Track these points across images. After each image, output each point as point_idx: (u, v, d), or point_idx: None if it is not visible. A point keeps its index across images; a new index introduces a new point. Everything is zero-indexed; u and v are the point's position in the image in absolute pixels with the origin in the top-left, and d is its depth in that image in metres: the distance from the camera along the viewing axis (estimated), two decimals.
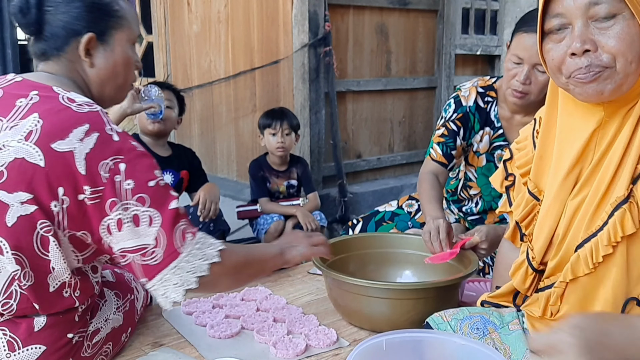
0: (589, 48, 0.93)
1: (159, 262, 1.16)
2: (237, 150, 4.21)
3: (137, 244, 1.15)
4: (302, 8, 3.50)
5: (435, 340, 1.03)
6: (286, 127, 2.84)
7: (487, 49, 4.88)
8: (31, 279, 1.14)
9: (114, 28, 1.29)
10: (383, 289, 1.47)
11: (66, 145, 1.11)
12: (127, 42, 1.32)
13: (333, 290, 1.58)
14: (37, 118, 1.12)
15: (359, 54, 3.90)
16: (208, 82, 4.31)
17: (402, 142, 4.32)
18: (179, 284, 1.17)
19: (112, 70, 1.31)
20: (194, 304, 1.71)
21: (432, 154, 2.04)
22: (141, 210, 1.15)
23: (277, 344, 1.45)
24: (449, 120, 2.03)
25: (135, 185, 1.15)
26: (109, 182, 1.13)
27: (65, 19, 1.24)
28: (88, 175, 1.12)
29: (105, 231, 1.15)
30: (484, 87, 2.04)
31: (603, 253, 0.94)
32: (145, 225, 1.15)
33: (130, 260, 1.17)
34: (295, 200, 2.92)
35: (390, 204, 2.38)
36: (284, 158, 2.92)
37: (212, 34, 4.24)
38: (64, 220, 1.13)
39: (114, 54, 1.30)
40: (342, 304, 1.57)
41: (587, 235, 0.97)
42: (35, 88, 1.18)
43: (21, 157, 1.10)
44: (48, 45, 1.26)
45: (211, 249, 1.20)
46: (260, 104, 3.93)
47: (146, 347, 1.49)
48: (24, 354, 1.18)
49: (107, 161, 1.13)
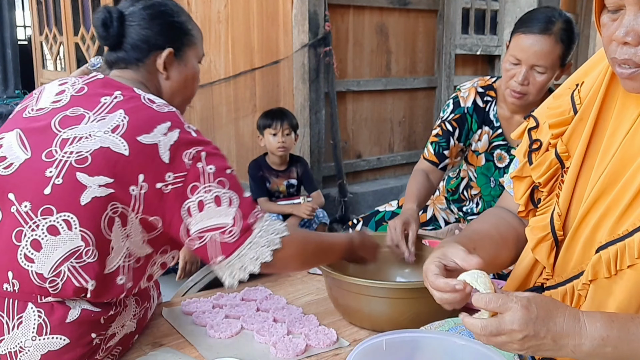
0: (630, 41, 0.85)
1: (236, 238, 1.25)
2: (237, 151, 4.21)
3: (217, 222, 1.24)
4: (302, 8, 3.50)
5: (436, 341, 1.02)
6: (286, 127, 2.85)
7: (487, 49, 4.88)
8: (94, 256, 1.19)
9: (187, 45, 1.42)
10: (383, 288, 1.47)
11: (151, 139, 1.21)
12: (195, 59, 1.46)
13: (333, 290, 1.58)
14: (124, 114, 1.22)
15: (359, 54, 3.90)
16: (208, 83, 4.31)
17: (402, 142, 4.32)
18: (255, 257, 1.27)
19: (183, 84, 1.44)
20: (194, 304, 1.71)
21: (425, 153, 2.08)
22: (222, 191, 1.24)
23: (277, 344, 1.45)
24: (445, 121, 2.05)
25: (216, 169, 1.25)
26: (191, 167, 1.23)
27: (148, 34, 1.37)
28: (171, 164, 1.21)
29: (186, 213, 1.23)
30: (483, 86, 2.04)
31: (629, 263, 0.88)
32: (226, 205, 1.24)
33: (208, 239, 1.24)
34: (295, 200, 2.92)
35: (390, 203, 2.38)
36: (283, 158, 2.92)
37: (212, 34, 4.25)
38: (140, 205, 1.21)
39: (187, 68, 1.43)
40: (342, 304, 1.57)
41: (612, 238, 0.90)
42: (119, 88, 1.29)
43: (107, 147, 1.18)
44: (128, 55, 1.38)
45: (280, 225, 1.31)
46: (260, 104, 3.93)
47: (146, 347, 1.49)
48: (48, 341, 1.19)
49: (189, 150, 1.24)
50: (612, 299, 0.91)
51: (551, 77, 1.82)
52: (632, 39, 0.84)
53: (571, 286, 0.98)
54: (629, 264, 0.87)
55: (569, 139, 1.04)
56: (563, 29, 1.76)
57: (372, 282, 1.47)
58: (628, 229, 0.88)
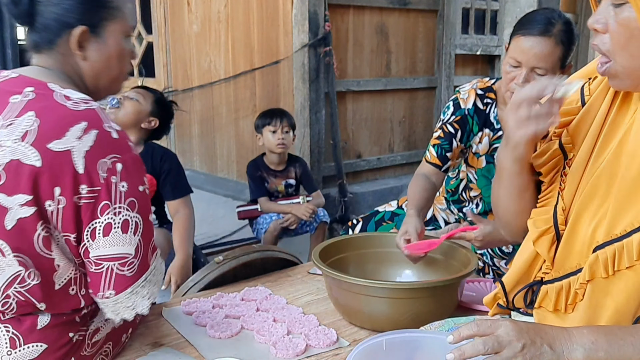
0: (599, 29, 0.88)
1: (134, 273, 1.17)
2: (237, 151, 4.21)
3: (120, 252, 1.14)
4: (302, 8, 3.50)
5: (436, 341, 1.02)
6: (285, 125, 2.85)
7: (487, 49, 4.88)
8: (37, 278, 1.14)
9: (107, 20, 1.25)
10: (382, 288, 1.47)
11: (63, 145, 1.09)
12: (121, 34, 1.28)
13: (333, 290, 1.58)
14: (34, 117, 1.10)
15: (359, 54, 3.90)
16: (208, 83, 4.31)
17: (402, 142, 4.32)
18: (147, 297, 1.20)
19: (105, 64, 1.27)
20: (194, 304, 1.71)
21: (427, 156, 2.06)
22: (131, 215, 1.14)
23: (277, 344, 1.45)
24: (446, 123, 2.05)
25: (128, 188, 1.14)
26: (105, 182, 1.12)
27: (58, 11, 1.20)
28: (86, 174, 1.10)
29: (88, 235, 1.13)
30: (483, 88, 2.04)
31: (628, 264, 0.87)
32: (132, 232, 1.15)
33: (105, 268, 1.15)
34: (294, 199, 2.92)
35: (390, 204, 2.38)
36: (282, 157, 2.93)
37: (212, 34, 4.25)
38: (58, 221, 1.12)
39: (108, 46, 1.26)
40: (342, 304, 1.57)
41: (610, 238, 0.89)
42: (31, 84, 1.15)
43: (17, 159, 1.08)
44: (41, 37, 1.23)
45: (162, 266, 1.26)
46: (260, 104, 3.93)
47: (146, 347, 1.49)
48: (25, 351, 1.18)
49: (105, 160, 1.12)
50: (609, 300, 0.91)
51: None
52: (601, 27, 0.87)
53: (567, 282, 0.98)
54: (628, 265, 0.87)
55: (574, 130, 1.02)
56: (563, 30, 1.76)
57: (372, 282, 1.47)
58: (626, 229, 0.87)
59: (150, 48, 4.99)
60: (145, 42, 5.07)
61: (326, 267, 1.53)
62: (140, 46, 5.16)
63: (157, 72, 4.85)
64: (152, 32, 4.88)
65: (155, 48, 4.85)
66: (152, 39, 4.89)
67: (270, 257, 2.05)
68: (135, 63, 5.27)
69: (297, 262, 2.15)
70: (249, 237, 3.04)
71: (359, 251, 1.80)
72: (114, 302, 1.18)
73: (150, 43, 4.98)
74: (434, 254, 1.71)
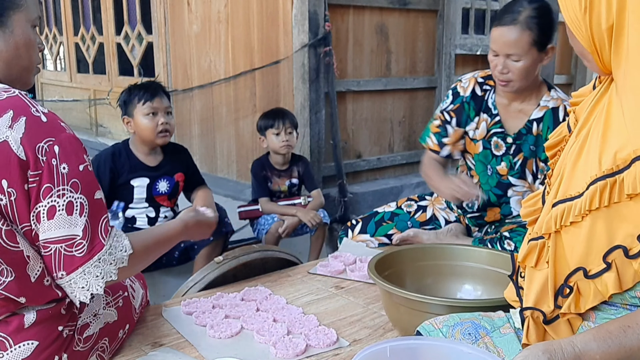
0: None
1: (83, 254, 1.16)
2: (238, 151, 4.21)
3: (66, 234, 1.15)
4: (302, 8, 3.50)
5: (440, 348, 1.01)
6: (289, 126, 2.84)
7: (487, 49, 4.86)
8: (11, 274, 1.14)
9: (10, 9, 1.23)
10: (443, 305, 1.34)
11: None
12: (26, 23, 1.27)
13: (386, 303, 1.50)
14: None
15: (359, 54, 3.90)
16: (208, 83, 4.31)
17: (402, 142, 4.32)
18: (101, 277, 1.19)
19: (14, 53, 1.25)
20: (194, 304, 1.71)
21: (428, 144, 2.25)
22: (75, 196, 1.15)
23: (277, 344, 1.45)
24: (444, 110, 2.18)
25: (69, 169, 1.14)
26: (46, 165, 1.12)
27: None
28: (28, 160, 1.10)
29: (34, 218, 1.13)
30: (483, 77, 2.15)
31: (572, 219, 0.98)
32: (77, 213, 1.15)
33: (53, 251, 1.15)
34: (296, 199, 2.92)
35: (389, 204, 2.39)
36: (286, 157, 2.92)
37: (212, 34, 4.24)
38: (15, 214, 1.12)
39: (14, 35, 1.24)
40: (394, 318, 1.49)
41: (564, 197, 1.00)
42: None
43: None
44: None
45: (125, 241, 1.24)
46: (260, 104, 3.93)
47: (146, 347, 1.49)
48: (17, 352, 1.19)
49: (42, 144, 1.11)
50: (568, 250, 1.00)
51: (530, 62, 1.91)
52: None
53: (543, 241, 1.05)
54: (572, 221, 0.98)
55: (579, 111, 1.12)
56: (530, 16, 1.86)
57: (432, 298, 1.37)
58: (579, 190, 0.98)
59: (150, 48, 4.98)
60: (145, 42, 5.07)
61: (382, 280, 1.43)
62: (140, 46, 5.16)
63: (157, 72, 4.85)
64: (152, 32, 4.87)
65: (155, 48, 4.84)
66: (152, 39, 4.88)
67: (271, 257, 2.05)
68: (136, 63, 5.28)
69: (297, 262, 2.15)
70: (249, 237, 3.03)
71: (416, 263, 1.68)
72: (68, 283, 1.19)
73: (150, 43, 4.98)
74: (489, 265, 1.61)
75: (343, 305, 1.76)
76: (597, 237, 0.95)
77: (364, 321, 1.65)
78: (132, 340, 1.51)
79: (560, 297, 1.01)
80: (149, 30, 4.97)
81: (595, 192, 0.94)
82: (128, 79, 5.34)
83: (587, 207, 0.95)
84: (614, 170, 0.93)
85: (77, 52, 6.34)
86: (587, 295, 0.98)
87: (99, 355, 1.36)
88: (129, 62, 5.40)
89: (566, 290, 0.99)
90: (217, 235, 2.36)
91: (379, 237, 2.27)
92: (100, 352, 1.36)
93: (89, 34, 5.99)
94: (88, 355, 1.33)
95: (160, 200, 2.42)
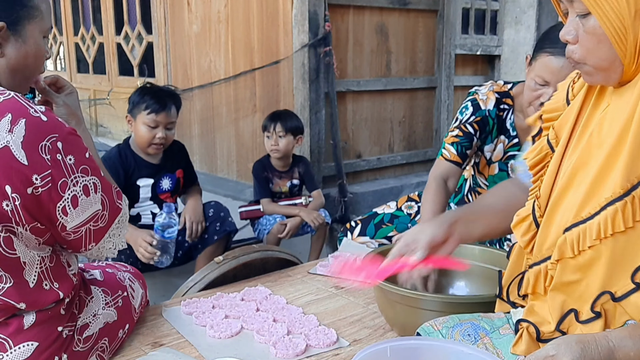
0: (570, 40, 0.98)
1: (107, 222, 1.26)
2: (237, 151, 4.21)
3: (90, 213, 1.22)
4: (302, 8, 3.50)
5: (440, 349, 1.00)
6: (280, 130, 2.82)
7: (487, 49, 4.88)
8: (9, 280, 1.15)
9: (26, 19, 1.23)
10: (436, 301, 1.36)
11: None
12: (39, 34, 1.27)
13: (380, 301, 1.51)
14: None
15: (359, 54, 3.90)
16: (208, 83, 4.31)
17: (402, 142, 4.32)
18: (122, 235, 1.32)
19: (22, 61, 1.24)
20: (194, 304, 1.71)
21: (444, 154, 2.00)
22: (87, 179, 1.20)
23: (277, 344, 1.45)
24: (466, 123, 1.99)
25: (75, 159, 1.17)
26: (53, 163, 1.12)
27: None
28: (32, 164, 1.09)
29: (61, 213, 1.17)
30: (499, 92, 2.00)
31: (590, 244, 0.94)
32: (93, 192, 1.21)
33: (83, 232, 1.22)
34: (297, 200, 2.92)
35: (388, 205, 2.37)
36: (285, 159, 2.92)
37: (212, 34, 4.24)
38: (22, 216, 1.12)
39: (27, 45, 1.24)
40: (389, 316, 1.51)
41: (576, 221, 0.96)
42: None
43: None
44: None
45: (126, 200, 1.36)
46: (260, 104, 3.93)
47: (146, 347, 1.49)
48: (16, 353, 1.19)
49: (44, 142, 1.12)
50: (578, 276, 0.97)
51: None
52: (572, 38, 0.97)
53: (545, 266, 1.03)
54: (590, 245, 0.94)
55: (559, 126, 1.10)
56: None
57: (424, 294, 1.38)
58: (590, 212, 0.94)
59: (150, 48, 4.98)
60: (145, 42, 5.06)
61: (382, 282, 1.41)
62: (140, 46, 5.16)
63: (157, 72, 4.85)
64: (152, 32, 4.87)
65: (155, 48, 4.84)
66: (152, 39, 4.88)
67: (271, 257, 2.05)
68: (136, 63, 5.28)
69: (297, 262, 2.15)
70: (249, 237, 3.03)
71: None
72: (97, 249, 1.29)
73: (150, 43, 4.98)
74: (482, 262, 1.61)
75: (343, 305, 1.76)
76: (620, 258, 0.92)
77: (364, 321, 1.65)
78: (132, 340, 1.51)
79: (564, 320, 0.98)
80: (149, 30, 4.97)
81: (615, 214, 0.90)
82: (128, 79, 5.34)
83: (611, 230, 0.91)
84: (629, 187, 0.90)
85: (77, 52, 6.33)
86: (612, 317, 0.94)
87: (99, 355, 1.36)
88: (129, 62, 5.40)
89: (590, 315, 0.95)
90: (220, 234, 2.43)
91: (379, 239, 2.27)
92: (100, 352, 1.36)
93: (89, 34, 5.99)
94: (88, 355, 1.33)
95: (164, 197, 2.48)
